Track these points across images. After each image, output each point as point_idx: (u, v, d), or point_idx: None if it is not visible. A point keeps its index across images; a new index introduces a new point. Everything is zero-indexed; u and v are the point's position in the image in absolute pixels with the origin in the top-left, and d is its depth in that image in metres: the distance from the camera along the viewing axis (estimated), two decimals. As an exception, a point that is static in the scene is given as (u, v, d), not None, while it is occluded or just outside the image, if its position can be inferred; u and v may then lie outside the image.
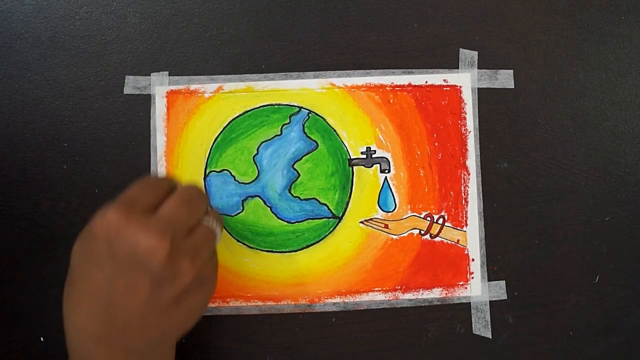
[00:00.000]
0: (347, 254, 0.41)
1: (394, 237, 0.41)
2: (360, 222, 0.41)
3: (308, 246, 0.41)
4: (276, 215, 0.41)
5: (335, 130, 0.41)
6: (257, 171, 0.41)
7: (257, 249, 0.41)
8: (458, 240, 0.41)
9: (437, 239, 0.41)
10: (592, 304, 0.42)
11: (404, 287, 0.41)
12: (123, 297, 0.30)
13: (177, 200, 0.32)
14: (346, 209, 0.41)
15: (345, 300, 0.41)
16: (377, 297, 0.41)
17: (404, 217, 0.41)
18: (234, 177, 0.41)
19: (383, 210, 0.41)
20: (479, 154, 0.42)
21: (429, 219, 0.41)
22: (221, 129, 0.41)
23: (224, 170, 0.41)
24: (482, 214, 0.41)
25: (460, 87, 0.42)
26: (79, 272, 0.31)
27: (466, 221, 0.41)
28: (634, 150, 0.42)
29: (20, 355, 0.40)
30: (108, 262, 0.30)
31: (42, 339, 0.40)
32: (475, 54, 0.42)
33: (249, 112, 0.41)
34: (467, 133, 0.42)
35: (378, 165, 0.41)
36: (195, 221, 0.33)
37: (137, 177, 0.33)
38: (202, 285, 0.33)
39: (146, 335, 0.31)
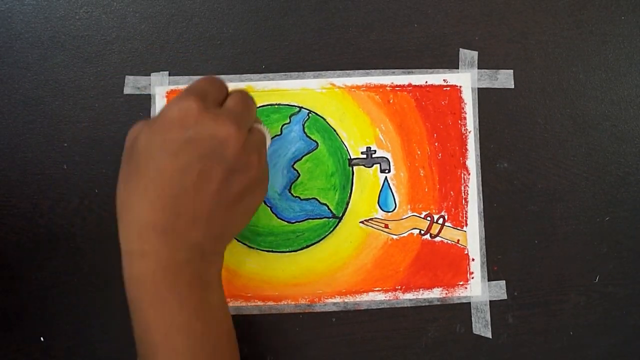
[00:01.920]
0: (347, 254, 0.41)
1: (394, 237, 0.41)
2: (360, 222, 0.41)
3: (308, 246, 0.41)
4: (276, 215, 0.41)
5: (335, 130, 0.41)
6: (257, 171, 0.41)
7: (257, 249, 0.41)
8: (458, 240, 0.41)
9: (437, 239, 0.41)
10: (592, 304, 0.42)
11: (404, 287, 0.41)
12: (195, 186, 0.29)
13: (239, 98, 0.33)
14: (346, 209, 0.41)
15: (345, 300, 0.41)
16: (377, 297, 0.41)
17: (404, 217, 0.41)
18: (234, 177, 0.41)
19: (383, 210, 0.41)
20: (479, 154, 0.42)
21: (429, 219, 0.41)
22: (221, 129, 0.41)
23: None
24: (482, 214, 0.41)
25: (460, 87, 0.42)
26: (146, 161, 0.30)
27: (466, 221, 0.41)
28: (634, 150, 0.42)
29: (20, 355, 0.40)
30: (184, 150, 0.29)
31: (42, 339, 0.40)
32: (475, 54, 0.42)
33: (249, 112, 0.41)
34: (467, 133, 0.42)
35: (378, 165, 0.41)
36: (253, 120, 0.33)
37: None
38: (261, 183, 0.33)
39: (210, 229, 0.31)
